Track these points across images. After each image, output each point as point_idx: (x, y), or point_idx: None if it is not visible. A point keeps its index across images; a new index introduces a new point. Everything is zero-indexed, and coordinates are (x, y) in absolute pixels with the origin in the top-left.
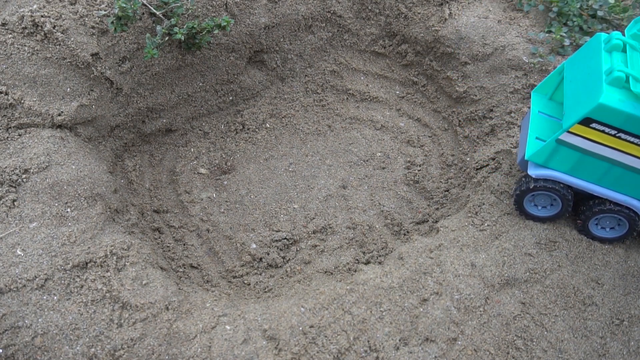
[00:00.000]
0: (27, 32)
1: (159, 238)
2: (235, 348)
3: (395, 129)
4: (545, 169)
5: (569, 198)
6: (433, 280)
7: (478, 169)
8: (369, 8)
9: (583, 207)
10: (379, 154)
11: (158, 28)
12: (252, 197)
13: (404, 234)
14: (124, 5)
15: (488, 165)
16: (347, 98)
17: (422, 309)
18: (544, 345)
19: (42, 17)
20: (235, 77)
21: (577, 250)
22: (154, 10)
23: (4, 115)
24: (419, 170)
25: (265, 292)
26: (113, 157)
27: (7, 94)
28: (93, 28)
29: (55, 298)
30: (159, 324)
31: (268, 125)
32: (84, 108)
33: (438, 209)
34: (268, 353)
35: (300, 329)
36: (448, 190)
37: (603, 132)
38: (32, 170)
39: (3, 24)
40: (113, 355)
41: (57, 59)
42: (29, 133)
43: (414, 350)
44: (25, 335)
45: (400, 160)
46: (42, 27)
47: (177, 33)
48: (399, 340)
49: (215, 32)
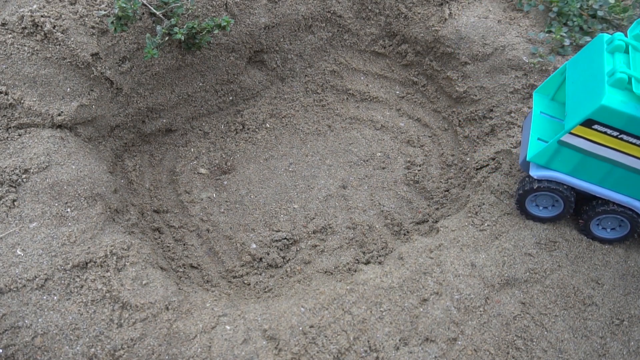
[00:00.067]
0: (27, 32)
1: (159, 238)
2: (235, 348)
3: (395, 129)
4: (547, 170)
5: (572, 199)
6: (433, 280)
7: (478, 169)
8: (369, 8)
9: (586, 207)
10: (379, 154)
11: (158, 28)
12: (252, 197)
13: (404, 234)
14: (124, 5)
15: (488, 165)
16: (347, 98)
17: (422, 309)
18: (544, 345)
19: (42, 17)
20: (235, 77)
21: (577, 250)
22: (154, 10)
23: (4, 115)
24: (419, 170)
25: (265, 292)
26: (113, 157)
27: (7, 94)
28: (93, 28)
29: (55, 298)
30: (159, 324)
31: (268, 125)
32: (84, 108)
33: (438, 209)
34: (268, 353)
35: (300, 329)
36: (448, 190)
37: (605, 133)
38: (32, 170)
39: (3, 24)
40: (113, 355)
41: (57, 59)
42: (29, 133)
43: (414, 350)
44: (25, 335)
45: (400, 160)
46: (42, 27)
47: (177, 33)
48: (399, 340)
49: (215, 32)
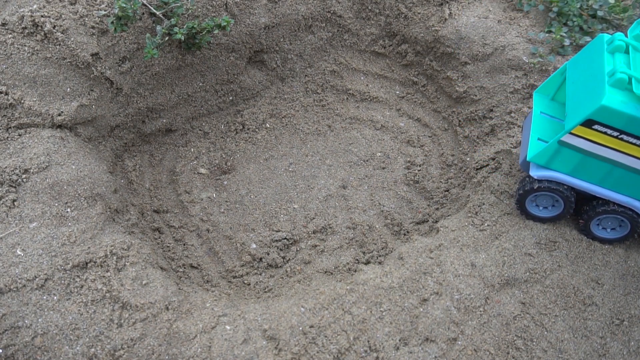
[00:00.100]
0: (27, 32)
1: (159, 238)
2: (235, 348)
3: (395, 129)
4: (547, 170)
5: (572, 200)
6: (433, 280)
7: (478, 169)
8: (369, 8)
9: (586, 207)
10: (379, 154)
11: (158, 28)
12: (252, 197)
13: (404, 234)
14: (124, 5)
15: (488, 165)
16: (347, 98)
17: (422, 309)
18: (544, 345)
19: (42, 17)
20: (235, 77)
21: (577, 250)
22: (154, 10)
23: (4, 115)
24: (419, 170)
25: (265, 292)
26: (113, 157)
27: (7, 94)
28: (93, 28)
29: (55, 298)
30: (159, 324)
31: (268, 125)
32: (84, 108)
33: (438, 209)
34: (268, 353)
35: (300, 329)
36: (448, 190)
37: (605, 133)
38: (32, 170)
39: (3, 24)
40: (113, 355)
41: (57, 59)
42: (29, 133)
43: (414, 350)
44: (25, 335)
45: (400, 160)
46: (42, 27)
47: (177, 33)
48: (399, 340)
49: (215, 32)
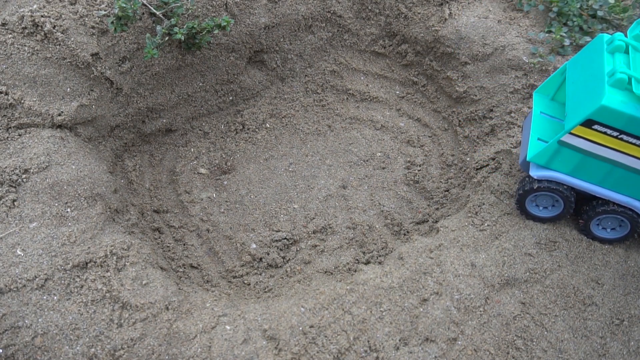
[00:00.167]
0: (27, 32)
1: (159, 238)
2: (235, 348)
3: (395, 129)
4: (547, 170)
5: (572, 199)
6: (433, 280)
7: (478, 169)
8: (369, 8)
9: (586, 207)
10: (379, 154)
11: (158, 28)
12: (252, 197)
13: (404, 234)
14: (124, 5)
15: (488, 165)
16: (347, 98)
17: (422, 309)
18: (544, 345)
19: (42, 17)
20: (235, 77)
21: (577, 250)
22: (154, 10)
23: (4, 115)
24: (419, 170)
25: (265, 292)
26: (113, 157)
27: (7, 94)
28: (93, 28)
29: (55, 298)
30: (159, 324)
31: (268, 125)
32: (84, 108)
33: (438, 209)
34: (268, 353)
35: (300, 329)
36: (448, 190)
37: (605, 133)
38: (32, 170)
39: (3, 24)
40: (113, 355)
41: (57, 59)
42: (29, 133)
43: (414, 350)
44: (25, 335)
45: (400, 160)
46: (42, 27)
47: (177, 33)
48: (399, 340)
49: (215, 32)
